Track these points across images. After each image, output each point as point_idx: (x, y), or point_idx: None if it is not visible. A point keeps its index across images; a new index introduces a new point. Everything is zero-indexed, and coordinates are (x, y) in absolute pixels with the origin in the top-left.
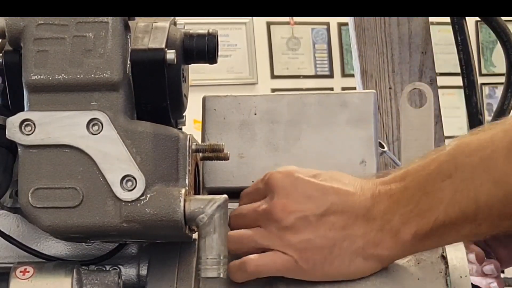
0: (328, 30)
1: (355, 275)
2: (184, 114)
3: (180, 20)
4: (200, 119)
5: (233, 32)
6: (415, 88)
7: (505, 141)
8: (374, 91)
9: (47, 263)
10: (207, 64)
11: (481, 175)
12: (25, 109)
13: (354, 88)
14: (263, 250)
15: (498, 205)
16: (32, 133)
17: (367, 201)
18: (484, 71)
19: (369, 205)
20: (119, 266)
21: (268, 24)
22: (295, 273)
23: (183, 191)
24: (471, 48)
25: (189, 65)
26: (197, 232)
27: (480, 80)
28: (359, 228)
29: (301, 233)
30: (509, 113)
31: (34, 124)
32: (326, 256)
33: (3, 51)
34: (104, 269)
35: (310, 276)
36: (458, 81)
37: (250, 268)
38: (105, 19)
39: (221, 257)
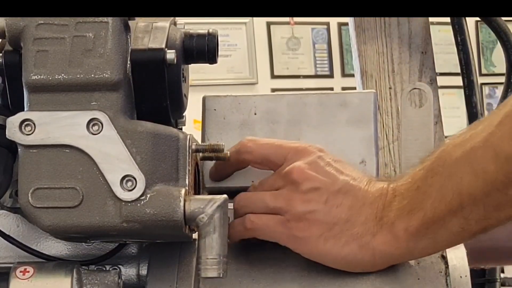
0: (328, 30)
1: (345, 259)
2: (184, 114)
3: (180, 20)
4: (200, 119)
5: (233, 32)
6: (415, 88)
7: (483, 134)
8: (374, 91)
9: (47, 263)
10: (207, 64)
11: (463, 168)
12: (25, 109)
13: (354, 88)
14: (272, 213)
15: (480, 195)
16: (32, 133)
17: (375, 192)
18: (484, 71)
19: (376, 196)
20: (119, 266)
21: (268, 24)
22: (288, 240)
23: (183, 191)
24: (471, 48)
25: (189, 65)
26: (197, 232)
27: (480, 80)
28: (362, 214)
29: (309, 203)
30: None
31: (34, 124)
32: (324, 232)
33: (3, 51)
34: (104, 269)
35: (301, 248)
36: (458, 81)
37: (248, 224)
38: (105, 19)
39: (221, 257)
